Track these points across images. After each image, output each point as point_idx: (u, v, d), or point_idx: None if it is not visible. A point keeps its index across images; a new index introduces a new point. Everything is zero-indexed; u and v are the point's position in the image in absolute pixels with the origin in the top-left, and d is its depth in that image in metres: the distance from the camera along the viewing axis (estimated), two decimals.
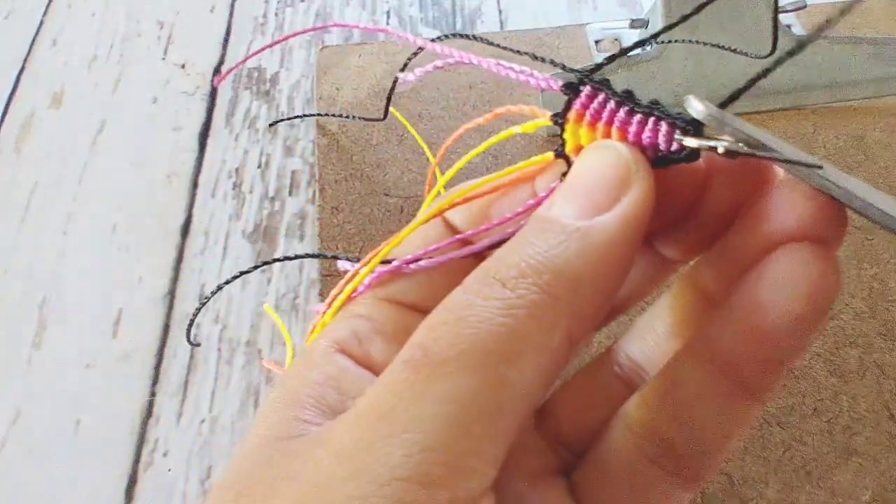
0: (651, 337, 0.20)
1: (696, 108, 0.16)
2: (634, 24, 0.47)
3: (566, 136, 0.18)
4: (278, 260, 0.25)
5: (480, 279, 0.15)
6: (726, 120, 0.16)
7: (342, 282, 0.19)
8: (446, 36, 0.22)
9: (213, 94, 0.48)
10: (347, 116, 0.44)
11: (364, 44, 0.50)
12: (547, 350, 0.15)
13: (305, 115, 0.46)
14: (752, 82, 0.17)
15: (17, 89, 0.48)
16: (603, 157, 0.16)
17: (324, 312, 0.20)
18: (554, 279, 0.15)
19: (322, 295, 0.38)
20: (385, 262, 0.19)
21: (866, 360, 0.35)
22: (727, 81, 0.44)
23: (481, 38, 0.22)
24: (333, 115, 0.44)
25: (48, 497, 0.33)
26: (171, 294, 0.39)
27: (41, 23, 0.52)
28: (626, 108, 0.17)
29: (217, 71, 0.49)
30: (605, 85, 0.17)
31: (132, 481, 0.34)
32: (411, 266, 0.19)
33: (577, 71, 0.18)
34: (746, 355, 0.16)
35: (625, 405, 0.18)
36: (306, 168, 0.44)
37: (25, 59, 0.50)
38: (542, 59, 0.19)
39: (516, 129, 0.19)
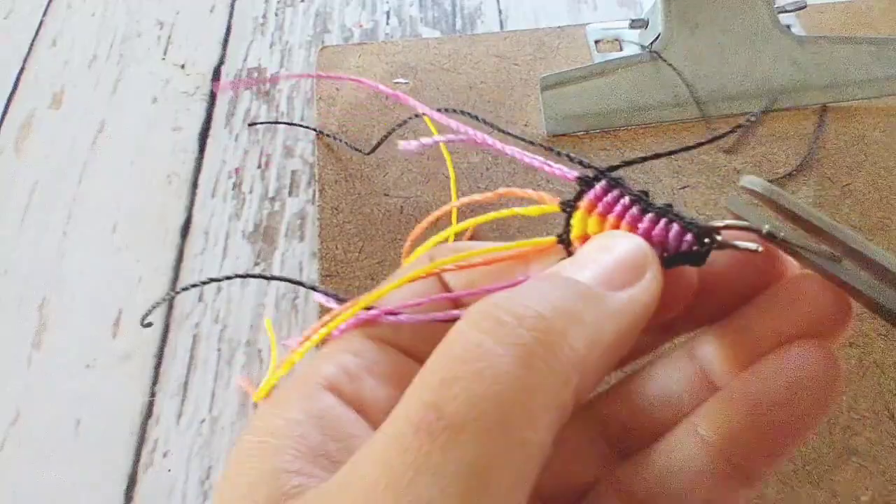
0: (640, 401, 0.19)
1: (755, 182, 0.16)
2: (634, 24, 0.47)
3: (573, 222, 0.18)
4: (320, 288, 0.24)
5: (492, 316, 0.14)
6: (781, 197, 0.17)
7: (319, 322, 0.19)
8: (462, 112, 0.22)
9: (213, 94, 0.48)
10: (340, 140, 0.43)
11: (364, 44, 0.50)
12: (559, 407, 0.14)
13: (294, 124, 0.45)
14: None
15: (17, 89, 0.48)
16: (621, 241, 0.17)
17: (297, 347, 0.19)
18: (572, 329, 0.14)
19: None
20: (368, 307, 0.19)
21: (866, 360, 0.35)
22: (726, 82, 0.44)
23: (484, 121, 0.22)
24: (324, 134, 0.44)
25: (48, 497, 0.33)
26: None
27: (41, 23, 0.52)
28: (639, 206, 0.17)
29: (217, 71, 0.49)
30: (620, 182, 0.18)
31: (132, 481, 0.34)
32: (390, 318, 0.18)
33: (594, 167, 0.18)
34: (746, 443, 0.16)
35: (615, 472, 0.18)
36: (306, 168, 0.44)
37: (25, 59, 0.50)
38: (570, 157, 0.19)
39: (519, 211, 0.20)
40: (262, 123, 0.46)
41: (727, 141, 0.43)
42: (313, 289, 0.21)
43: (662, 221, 0.17)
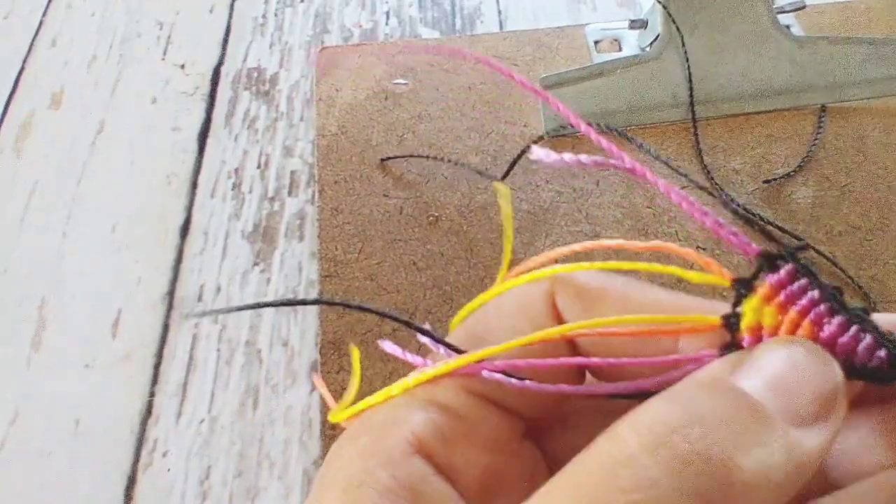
0: None
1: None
2: (634, 24, 0.47)
3: (746, 308, 0.16)
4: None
5: (671, 449, 0.13)
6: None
7: (422, 368, 0.17)
8: (620, 133, 0.19)
9: (213, 94, 0.48)
10: (464, 166, 0.41)
11: (363, 44, 0.50)
12: None
13: (430, 157, 0.42)
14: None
15: (17, 89, 0.48)
16: (819, 366, 0.15)
17: (398, 383, 0.17)
18: (753, 470, 0.13)
19: (322, 296, 0.38)
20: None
21: None
22: (725, 82, 0.44)
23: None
24: (455, 163, 0.42)
25: (48, 497, 0.33)
26: (171, 294, 0.39)
27: (41, 23, 0.52)
28: (828, 304, 0.15)
29: (217, 71, 0.49)
30: (810, 271, 0.16)
31: (131, 481, 0.34)
32: (506, 380, 0.16)
33: (779, 242, 0.17)
34: None
35: None
36: (306, 168, 0.44)
37: (25, 59, 0.50)
38: (739, 212, 0.17)
39: (678, 272, 0.17)
40: (391, 158, 0.42)
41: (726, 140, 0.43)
42: (420, 330, 0.18)
43: (853, 329, 0.15)
